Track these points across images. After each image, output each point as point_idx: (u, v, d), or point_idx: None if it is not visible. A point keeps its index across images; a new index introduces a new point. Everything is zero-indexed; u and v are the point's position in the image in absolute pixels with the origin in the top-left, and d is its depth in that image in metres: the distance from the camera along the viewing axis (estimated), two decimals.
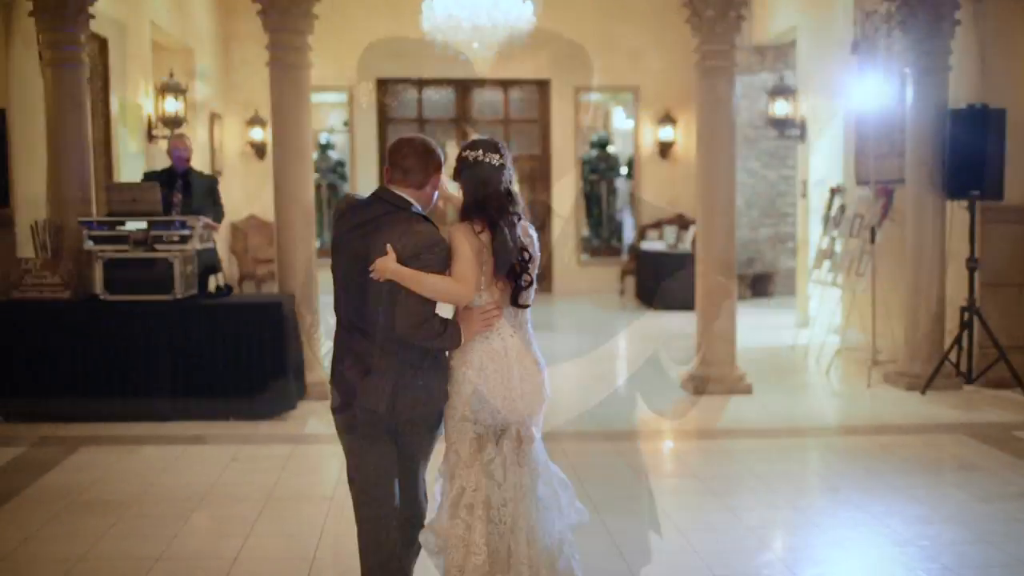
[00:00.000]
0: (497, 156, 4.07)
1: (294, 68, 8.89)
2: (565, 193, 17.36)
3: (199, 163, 14.07)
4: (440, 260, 3.93)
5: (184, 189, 8.96)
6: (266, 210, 15.33)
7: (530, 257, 4.12)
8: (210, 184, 9.04)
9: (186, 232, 8.07)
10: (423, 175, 4.03)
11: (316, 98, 19.03)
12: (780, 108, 13.22)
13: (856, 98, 10.59)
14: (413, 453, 4.12)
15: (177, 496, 6.10)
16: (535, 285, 4.20)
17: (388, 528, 4.08)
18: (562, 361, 10.82)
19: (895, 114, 10.17)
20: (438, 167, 4.10)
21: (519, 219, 4.11)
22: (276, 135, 8.94)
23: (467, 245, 3.95)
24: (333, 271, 4.10)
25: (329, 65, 16.67)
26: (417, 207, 4.03)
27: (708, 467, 6.89)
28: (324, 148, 18.38)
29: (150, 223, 8.03)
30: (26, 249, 8.45)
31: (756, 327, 13.12)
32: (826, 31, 12.11)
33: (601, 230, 18.60)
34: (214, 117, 15.28)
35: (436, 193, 4.14)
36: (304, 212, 8.87)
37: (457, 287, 3.94)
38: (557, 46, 16.92)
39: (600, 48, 16.93)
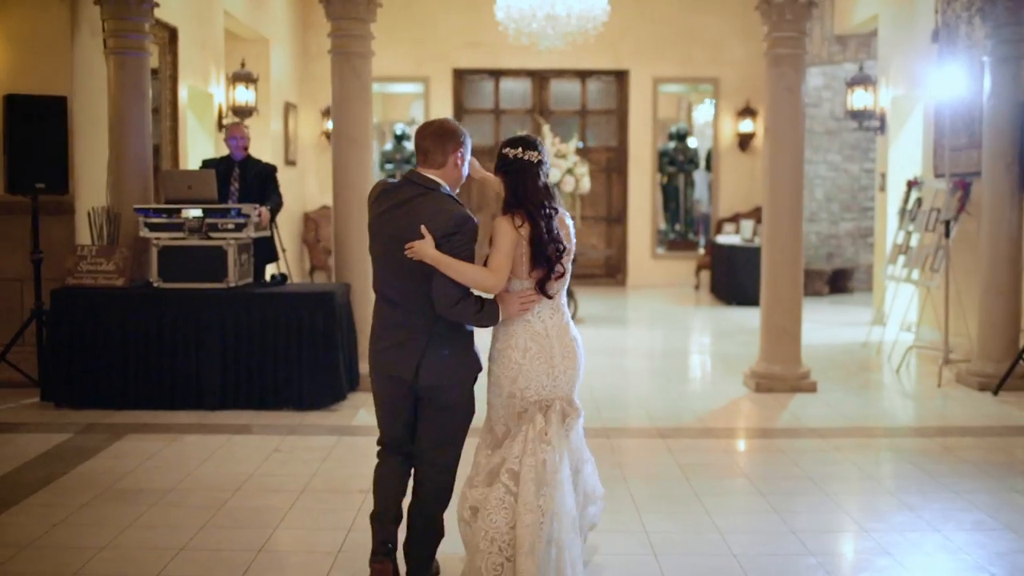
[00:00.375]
0: (535, 153, 4.39)
1: (356, 57, 8.83)
2: (641, 185, 17.10)
3: (272, 153, 14.21)
4: (470, 240, 4.25)
5: (241, 178, 8.95)
6: None
7: (564, 249, 4.43)
8: (267, 172, 9.01)
9: (241, 220, 8.05)
10: (441, 155, 4.33)
11: (394, 88, 19.27)
12: (859, 99, 12.82)
13: (935, 88, 10.20)
14: (433, 423, 4.42)
15: (212, 486, 6.06)
16: (568, 274, 4.50)
17: (393, 484, 4.55)
18: (625, 355, 10.64)
19: (974, 105, 9.79)
20: (457, 145, 4.37)
21: (556, 212, 4.43)
22: (336, 124, 8.91)
23: (507, 239, 4.30)
24: (371, 250, 4.44)
25: (406, 56, 16.77)
26: (446, 187, 4.35)
27: (760, 467, 6.67)
28: (399, 139, 18.39)
29: (205, 211, 8.03)
30: (84, 236, 8.52)
31: (830, 324, 12.80)
32: (907, 19, 11.70)
33: (677, 223, 18.32)
34: (289, 107, 15.34)
35: (465, 171, 4.48)
36: (362, 201, 8.78)
37: (489, 277, 4.30)
38: (636, 36, 16.72)
39: (680, 39, 16.70)
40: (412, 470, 4.58)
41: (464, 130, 4.44)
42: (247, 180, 8.96)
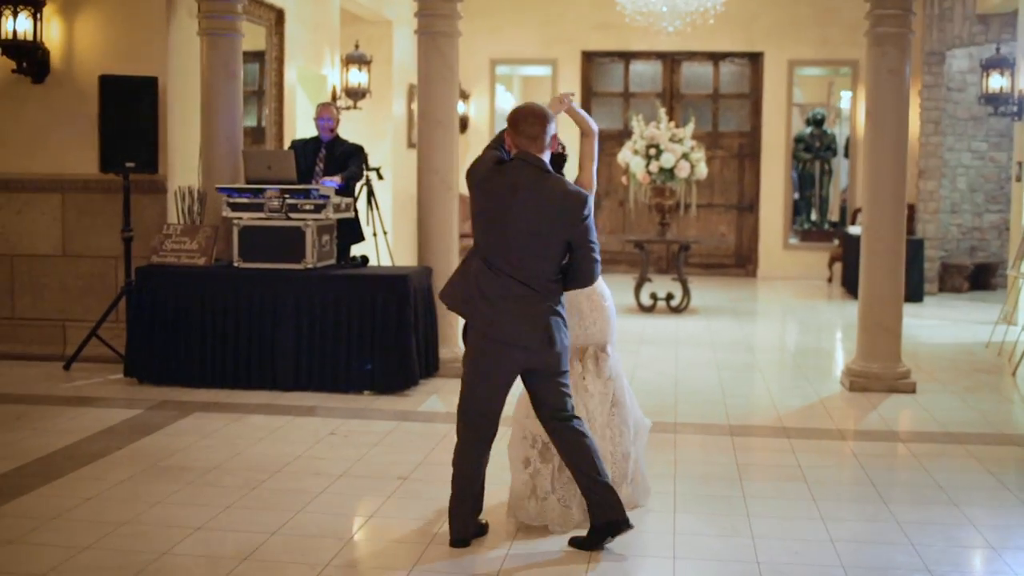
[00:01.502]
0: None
1: (442, 36, 8.74)
2: (775, 172, 16.56)
3: (394, 136, 14.27)
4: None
5: (327, 158, 8.97)
6: (459, 184, 15.39)
7: None
8: (351, 150, 9.00)
9: (321, 201, 8.07)
10: (545, 138, 4.71)
11: (522, 71, 19.14)
12: (995, 82, 12.07)
13: None
14: (554, 385, 4.80)
15: (254, 466, 6.07)
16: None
17: (481, 452, 4.88)
18: (728, 349, 10.29)
19: None
20: (552, 129, 4.77)
21: None
22: (421, 105, 8.84)
23: None
24: (486, 226, 4.69)
25: (534, 38, 16.63)
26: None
27: (823, 471, 6.30)
28: None
29: (286, 191, 8.07)
30: (175, 215, 8.68)
31: (957, 321, 12.16)
32: None
33: (812, 212, 17.68)
34: (413, 90, 15.36)
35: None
36: (445, 184, 8.72)
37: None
38: (771, 17, 16.19)
39: (817, 19, 16.09)
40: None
41: None
42: (333, 160, 8.97)
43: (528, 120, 4.67)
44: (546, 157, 4.74)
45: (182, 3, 9.00)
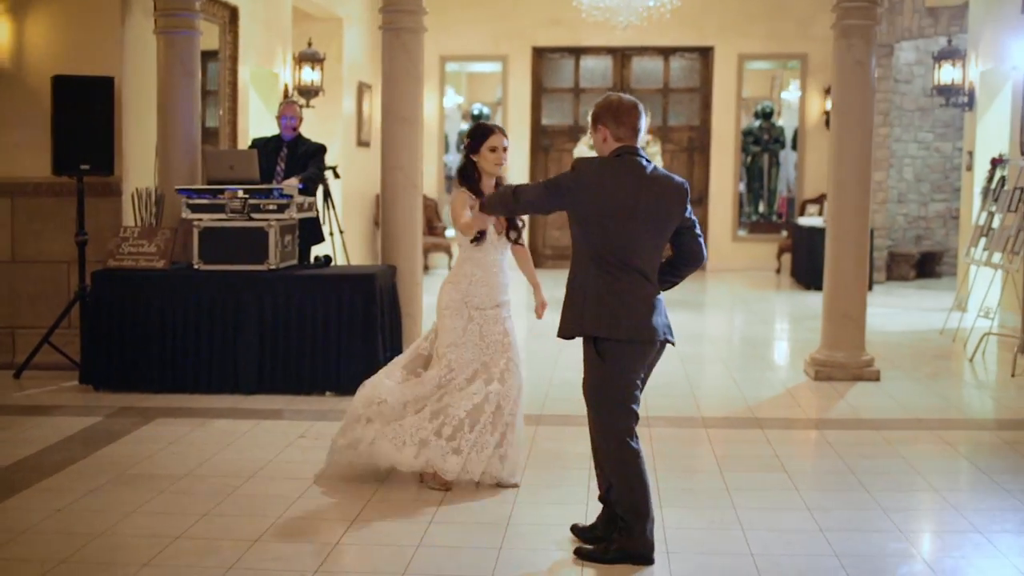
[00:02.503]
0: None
1: (407, 32, 8.62)
2: (724, 166, 16.63)
3: (344, 135, 14.12)
4: None
5: (288, 157, 8.83)
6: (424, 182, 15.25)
7: None
8: (313, 150, 8.86)
9: (284, 201, 7.93)
10: (643, 130, 4.68)
11: (473, 68, 19.06)
12: (947, 74, 12.20)
13: (1021, 61, 9.62)
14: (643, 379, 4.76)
15: (227, 472, 5.93)
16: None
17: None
18: (688, 342, 10.28)
19: None
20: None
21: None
22: (385, 102, 8.70)
23: None
24: (609, 221, 4.53)
25: (484, 34, 16.55)
26: None
27: (802, 460, 6.32)
28: (477, 119, 18.17)
29: (247, 191, 7.92)
30: (131, 218, 8.49)
31: (909, 309, 12.29)
32: None
33: (761, 204, 17.79)
34: (363, 88, 15.24)
35: None
36: (410, 182, 8.60)
37: None
38: (721, 12, 16.25)
39: (767, 14, 16.18)
40: None
41: None
42: (294, 160, 8.83)
43: (632, 112, 4.61)
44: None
45: (137, 1, 8.80)
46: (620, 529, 4.64)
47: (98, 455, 6.28)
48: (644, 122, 4.69)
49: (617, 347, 4.57)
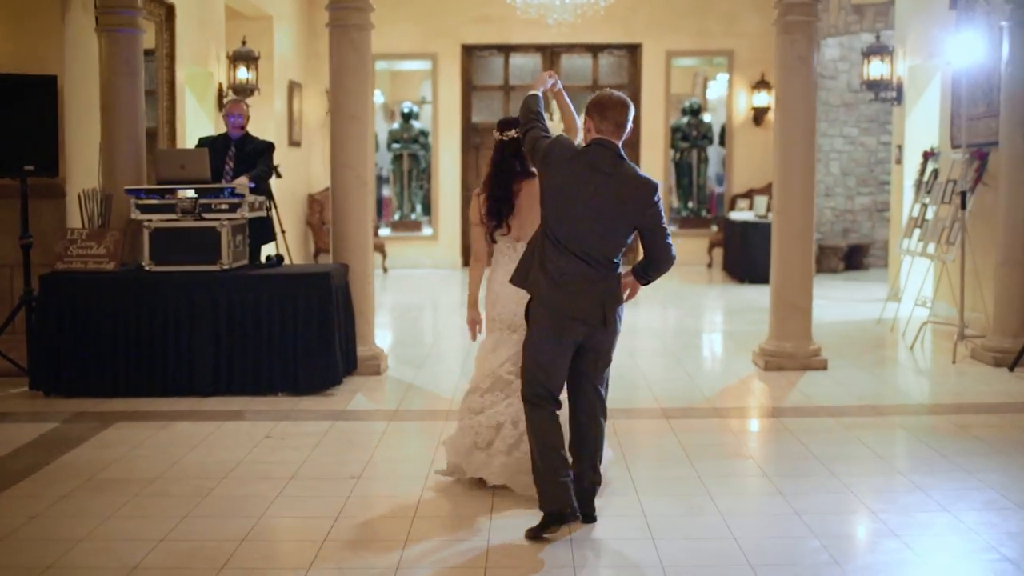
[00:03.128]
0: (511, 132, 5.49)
1: (355, 29, 8.57)
2: (654, 162, 16.81)
3: (276, 133, 13.99)
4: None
5: (237, 156, 8.74)
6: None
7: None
8: (261, 148, 8.78)
9: (236, 200, 7.86)
10: (628, 127, 4.93)
11: (401, 66, 19.02)
12: (876, 69, 12.50)
13: (953, 56, 9.89)
14: (601, 360, 5.05)
15: (198, 474, 5.87)
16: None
17: (555, 420, 5.02)
18: (633, 335, 10.41)
19: (993, 72, 9.49)
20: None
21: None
22: (334, 100, 8.65)
23: None
24: (559, 207, 4.79)
25: (413, 32, 16.52)
26: None
27: (767, 447, 6.46)
28: (407, 117, 18.14)
29: (198, 191, 7.83)
30: (76, 220, 8.33)
31: (843, 300, 12.57)
32: None
33: (691, 200, 18.02)
34: (294, 86, 15.13)
35: None
36: (360, 180, 8.57)
37: None
38: (649, 9, 16.42)
39: (693, 10, 16.38)
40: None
41: None
42: (243, 158, 8.75)
43: (617, 108, 4.86)
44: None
45: None
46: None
47: (63, 461, 6.16)
48: (630, 119, 4.91)
49: (536, 311, 4.92)
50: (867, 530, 5.00)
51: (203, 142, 8.91)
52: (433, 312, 13.06)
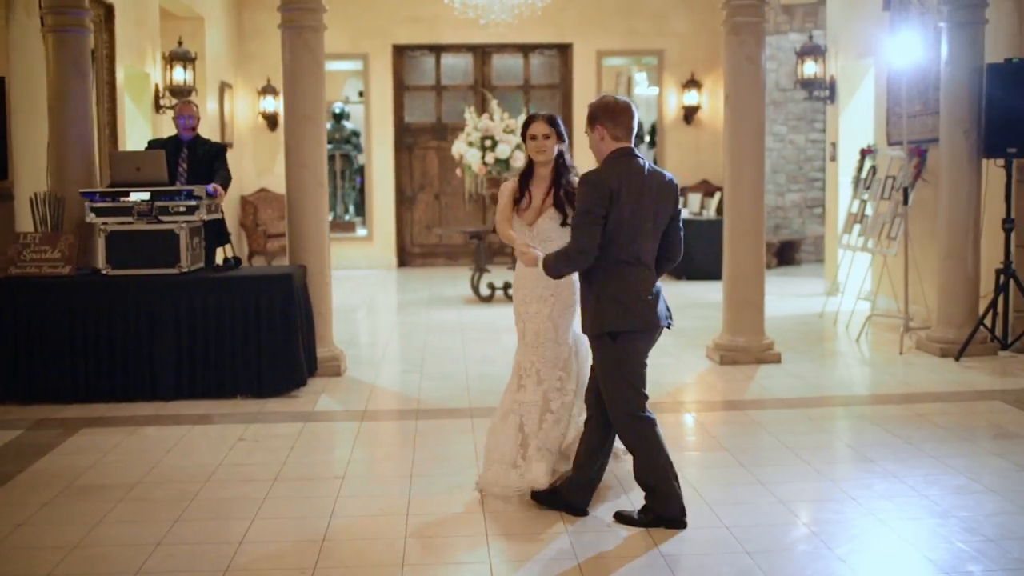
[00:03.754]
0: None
1: (308, 31, 8.54)
2: (588, 161, 16.92)
3: (209, 134, 13.78)
4: None
5: (189, 158, 8.64)
6: (278, 183, 15.02)
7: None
8: (216, 151, 8.70)
9: (193, 202, 7.78)
10: (634, 131, 4.95)
11: (330, 67, 18.86)
12: (809, 69, 12.79)
13: (888, 56, 10.18)
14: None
15: (180, 478, 5.82)
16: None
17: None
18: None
19: (929, 71, 9.78)
20: None
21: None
22: (288, 100, 8.60)
23: None
24: (629, 221, 4.77)
25: (343, 32, 16.41)
26: None
27: (737, 439, 6.57)
28: (339, 118, 18.05)
29: (155, 193, 7.74)
30: (26, 223, 8.18)
31: (782, 295, 12.80)
32: None
33: None
34: (224, 87, 14.98)
35: None
36: (317, 180, 8.54)
37: None
38: (579, 9, 16.55)
39: (624, 11, 16.54)
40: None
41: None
42: (196, 160, 8.64)
43: (626, 112, 4.88)
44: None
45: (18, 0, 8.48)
46: (652, 498, 4.97)
47: (36, 469, 6.06)
48: (636, 122, 4.94)
49: (630, 337, 4.88)
50: (851, 516, 5.13)
51: (154, 144, 8.79)
52: (378, 313, 13.02)
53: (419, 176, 16.90)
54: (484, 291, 12.76)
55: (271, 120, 16.14)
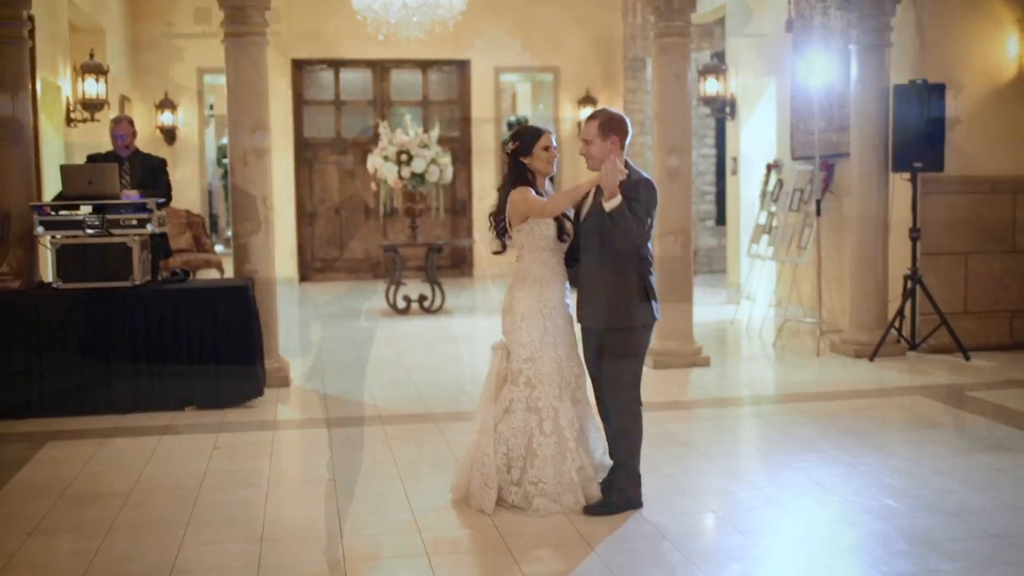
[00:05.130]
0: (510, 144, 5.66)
1: (252, 44, 8.71)
2: (485, 176, 17.27)
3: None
4: None
5: (131, 173, 8.65)
6: (178, 198, 14.88)
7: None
8: (155, 165, 8.74)
9: (145, 215, 7.82)
10: None
11: (221, 80, 18.75)
12: (711, 86, 13.38)
13: (793, 75, 10.78)
14: None
15: (172, 485, 5.91)
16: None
17: None
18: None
19: (834, 90, 10.39)
20: None
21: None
22: (233, 113, 8.71)
23: None
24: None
25: None
26: None
27: (695, 436, 6.94)
28: None
29: (106, 206, 7.75)
30: None
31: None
32: (757, 10, 12.28)
33: None
34: (124, 100, 14.82)
35: None
36: (262, 193, 8.65)
37: None
38: (476, 26, 16.85)
39: (521, 28, 16.89)
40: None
41: None
42: (137, 175, 8.66)
43: (627, 124, 5.37)
44: None
45: None
46: (625, 476, 5.34)
47: (19, 480, 6.08)
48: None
49: (649, 330, 5.46)
50: (827, 501, 5.54)
51: (94, 159, 8.77)
52: (299, 326, 13.05)
53: (319, 191, 16.97)
54: (400, 303, 12.92)
55: (168, 134, 15.99)
